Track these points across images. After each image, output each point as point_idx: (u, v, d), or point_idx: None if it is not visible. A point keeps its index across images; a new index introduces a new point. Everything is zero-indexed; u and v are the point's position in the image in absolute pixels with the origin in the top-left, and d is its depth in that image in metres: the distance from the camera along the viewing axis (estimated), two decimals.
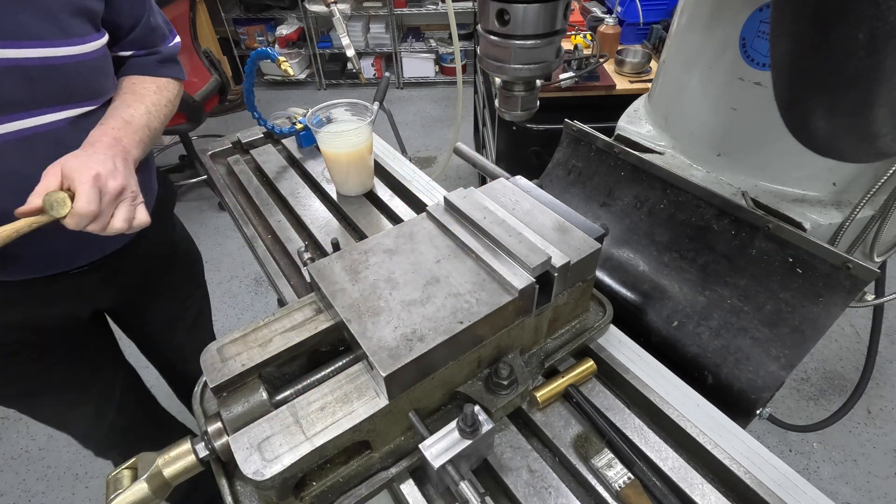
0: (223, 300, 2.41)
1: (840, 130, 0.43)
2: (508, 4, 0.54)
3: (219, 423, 0.51)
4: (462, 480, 0.48)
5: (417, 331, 0.52)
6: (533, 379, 0.64)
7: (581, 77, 1.85)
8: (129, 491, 0.48)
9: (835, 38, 0.36)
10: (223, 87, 2.88)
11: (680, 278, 0.78)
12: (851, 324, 2.22)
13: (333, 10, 1.14)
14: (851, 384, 1.86)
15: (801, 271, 0.68)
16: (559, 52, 0.62)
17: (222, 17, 4.02)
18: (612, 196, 0.89)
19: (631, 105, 1.02)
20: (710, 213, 0.77)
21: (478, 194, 0.67)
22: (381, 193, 1.02)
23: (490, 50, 0.60)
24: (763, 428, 1.82)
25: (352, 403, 0.52)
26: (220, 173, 1.13)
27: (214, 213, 2.97)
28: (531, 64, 0.60)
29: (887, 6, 0.32)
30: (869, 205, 0.70)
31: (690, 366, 0.74)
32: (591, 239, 0.62)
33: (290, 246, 0.91)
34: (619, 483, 0.55)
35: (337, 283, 0.57)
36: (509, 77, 0.63)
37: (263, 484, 0.47)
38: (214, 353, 0.54)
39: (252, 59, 0.98)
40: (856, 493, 1.67)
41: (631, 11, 2.11)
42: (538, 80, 0.66)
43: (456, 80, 1.52)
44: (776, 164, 0.76)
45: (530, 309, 0.59)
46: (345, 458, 0.56)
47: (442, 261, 0.59)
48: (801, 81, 0.42)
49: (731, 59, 0.71)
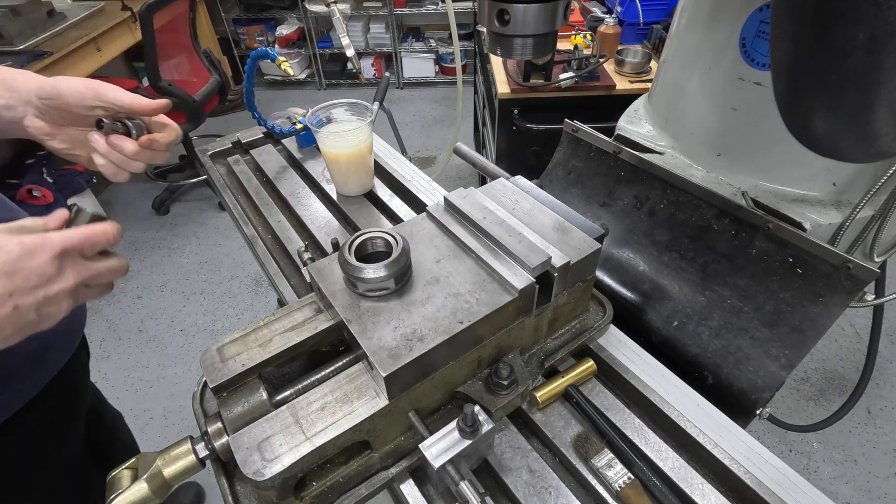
0: (223, 300, 2.41)
1: (840, 130, 0.43)
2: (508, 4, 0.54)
3: (219, 423, 0.51)
4: (462, 480, 0.48)
5: (417, 331, 0.52)
6: (533, 379, 0.64)
7: (581, 77, 1.85)
8: (129, 491, 0.48)
9: (835, 38, 0.36)
10: (223, 87, 2.88)
11: (680, 278, 0.78)
12: (851, 324, 2.22)
13: (333, 9, 1.14)
14: (851, 384, 1.86)
15: (801, 271, 0.68)
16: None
17: (222, 17, 4.03)
18: (612, 196, 0.89)
19: (631, 105, 1.02)
20: (710, 213, 0.77)
21: (478, 194, 0.67)
22: (381, 193, 1.02)
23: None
24: (763, 428, 1.82)
25: (352, 403, 0.52)
26: (220, 173, 1.13)
27: (214, 213, 2.97)
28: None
29: (887, 6, 0.32)
30: (869, 205, 0.70)
31: (690, 366, 0.74)
32: (591, 239, 0.62)
33: (290, 246, 0.91)
34: (619, 483, 0.55)
35: (337, 283, 0.57)
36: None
37: (263, 484, 0.47)
38: (214, 353, 0.54)
39: (252, 59, 0.98)
40: (856, 493, 1.67)
41: (631, 11, 2.11)
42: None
43: (456, 80, 1.52)
44: (776, 164, 0.76)
45: (530, 309, 0.59)
46: (345, 458, 0.56)
47: (442, 261, 0.59)
48: (801, 81, 0.42)
49: (731, 59, 0.71)
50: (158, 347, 2.22)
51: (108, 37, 2.59)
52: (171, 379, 2.09)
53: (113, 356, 2.19)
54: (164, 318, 2.34)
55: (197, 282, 2.52)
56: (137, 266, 2.63)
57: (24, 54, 2.19)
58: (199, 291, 2.47)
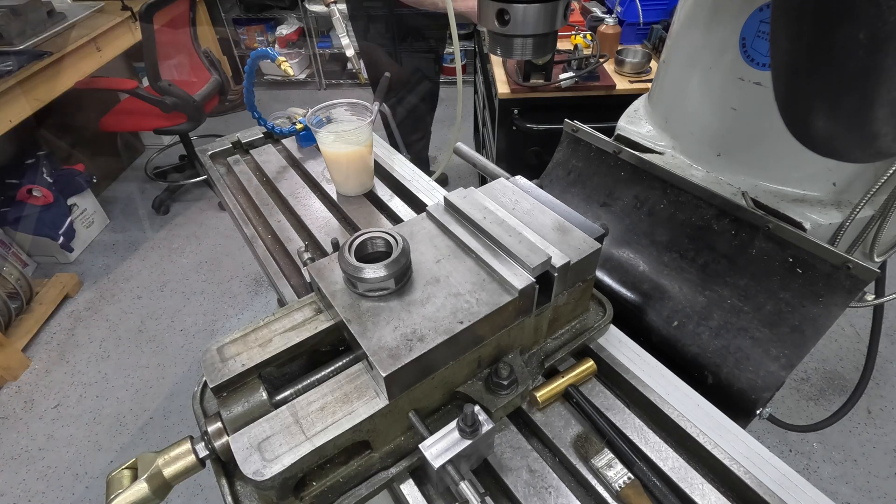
0: (223, 300, 2.41)
1: (840, 130, 0.43)
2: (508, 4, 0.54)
3: (219, 423, 0.51)
4: (462, 480, 0.48)
5: (417, 331, 0.52)
6: (533, 379, 0.64)
7: (581, 77, 1.85)
8: (129, 491, 0.48)
9: (835, 38, 0.36)
10: (223, 87, 2.89)
11: (680, 278, 0.78)
12: (851, 324, 2.22)
13: (333, 9, 1.14)
14: (851, 384, 1.86)
15: (801, 271, 0.68)
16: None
17: (222, 17, 4.02)
18: (612, 196, 0.89)
19: (631, 105, 1.02)
20: (710, 213, 0.77)
21: (478, 194, 0.67)
22: (381, 193, 1.02)
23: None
24: (763, 428, 1.82)
25: (352, 403, 0.52)
26: (220, 173, 1.13)
27: (214, 213, 2.97)
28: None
29: (888, 6, 0.32)
30: (869, 205, 0.70)
31: (690, 366, 0.74)
32: (591, 239, 0.62)
33: (290, 246, 0.91)
34: (619, 483, 0.55)
35: (337, 283, 0.57)
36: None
37: (263, 484, 0.47)
38: (214, 353, 0.54)
39: (252, 59, 0.98)
40: (856, 493, 1.67)
41: (631, 11, 2.11)
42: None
43: (456, 80, 1.52)
44: (776, 164, 0.76)
45: (530, 309, 0.59)
46: (345, 458, 0.56)
47: (442, 261, 0.59)
48: (801, 81, 0.42)
49: (731, 59, 0.71)
50: (158, 347, 2.22)
51: (108, 37, 2.59)
52: (170, 379, 2.09)
53: (113, 356, 2.19)
54: (164, 318, 2.34)
55: (197, 282, 2.52)
56: (137, 266, 2.63)
57: (24, 54, 2.19)
58: (199, 291, 2.47)
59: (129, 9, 2.70)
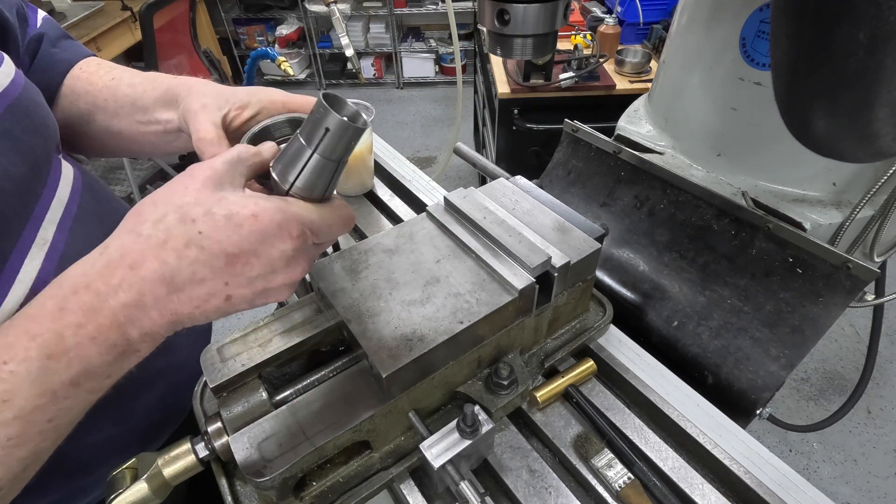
0: None
1: (840, 130, 0.43)
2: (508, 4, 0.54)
3: (219, 423, 0.51)
4: (462, 480, 0.48)
5: (417, 331, 0.52)
6: (533, 379, 0.64)
7: (581, 77, 1.85)
8: (129, 491, 0.48)
9: (835, 38, 0.36)
10: None
11: (680, 278, 0.78)
12: (851, 324, 2.22)
13: (333, 9, 1.14)
14: (851, 384, 1.87)
15: (801, 271, 0.68)
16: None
17: (222, 17, 4.03)
18: (612, 196, 0.89)
19: (631, 105, 1.02)
20: (710, 213, 0.77)
21: (478, 194, 0.67)
22: (381, 193, 1.02)
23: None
24: (763, 428, 1.82)
25: (352, 403, 0.52)
26: None
27: None
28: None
29: (888, 6, 0.32)
30: (869, 205, 0.70)
31: (690, 366, 0.74)
32: (591, 239, 0.62)
33: None
34: (619, 483, 0.55)
35: (337, 283, 0.57)
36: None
37: (263, 484, 0.47)
38: (214, 353, 0.54)
39: (252, 59, 0.98)
40: (856, 493, 1.67)
41: (631, 11, 2.11)
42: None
43: (456, 80, 1.52)
44: (776, 164, 0.76)
45: (530, 309, 0.59)
46: (345, 458, 0.56)
47: (442, 261, 0.59)
48: (801, 81, 0.42)
49: (731, 59, 0.71)
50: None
51: (108, 37, 2.59)
52: None
53: None
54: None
55: None
56: None
57: None
58: None
59: (129, 9, 2.70)
